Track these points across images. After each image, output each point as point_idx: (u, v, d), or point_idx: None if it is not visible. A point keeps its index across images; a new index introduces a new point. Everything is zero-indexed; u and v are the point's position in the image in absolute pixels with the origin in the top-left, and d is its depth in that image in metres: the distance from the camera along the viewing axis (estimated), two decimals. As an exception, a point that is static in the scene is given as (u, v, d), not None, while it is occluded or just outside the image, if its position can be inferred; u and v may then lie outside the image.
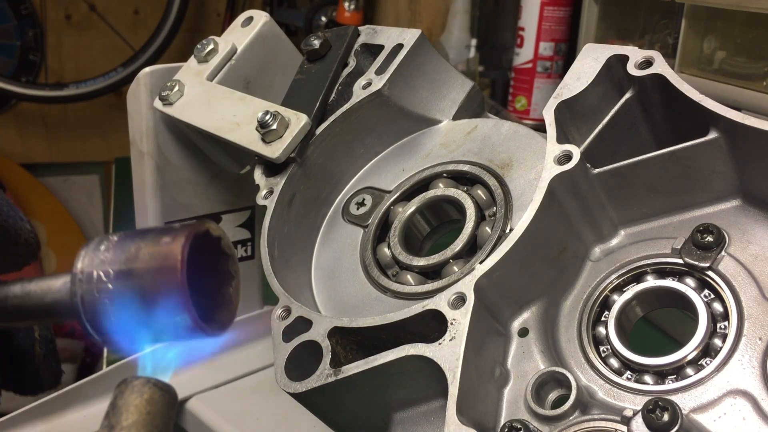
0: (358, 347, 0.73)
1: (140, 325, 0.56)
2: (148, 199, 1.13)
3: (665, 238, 0.72)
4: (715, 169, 0.69)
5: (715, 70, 1.31)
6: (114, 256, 0.57)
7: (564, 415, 0.64)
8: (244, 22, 1.08)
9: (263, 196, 0.89)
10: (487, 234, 0.79)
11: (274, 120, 0.88)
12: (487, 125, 0.90)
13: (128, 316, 0.56)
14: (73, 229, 3.24)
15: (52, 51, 3.18)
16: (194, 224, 0.58)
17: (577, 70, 0.76)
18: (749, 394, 0.61)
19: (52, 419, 1.14)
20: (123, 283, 0.56)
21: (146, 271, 0.56)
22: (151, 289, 0.55)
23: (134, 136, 1.11)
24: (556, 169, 0.70)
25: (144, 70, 1.08)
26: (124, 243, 0.58)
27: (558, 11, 1.91)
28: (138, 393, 0.50)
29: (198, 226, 0.58)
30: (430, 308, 0.68)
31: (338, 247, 0.90)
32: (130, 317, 0.56)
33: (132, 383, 0.51)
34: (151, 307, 0.55)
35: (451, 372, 0.63)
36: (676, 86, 0.69)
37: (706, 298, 0.67)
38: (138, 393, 0.50)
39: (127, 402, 0.50)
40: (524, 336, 0.72)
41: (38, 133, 3.24)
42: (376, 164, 0.96)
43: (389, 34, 0.96)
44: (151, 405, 0.50)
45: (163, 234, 0.57)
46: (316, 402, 0.74)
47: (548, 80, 1.96)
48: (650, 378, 0.66)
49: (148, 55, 2.93)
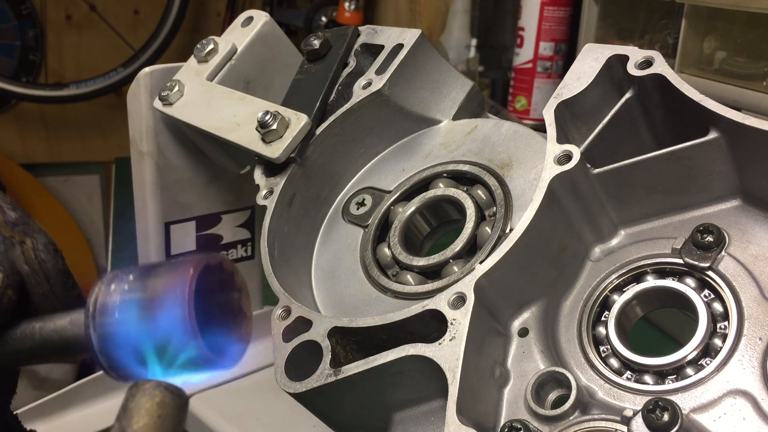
0: (358, 347, 0.73)
1: (150, 356, 0.57)
2: (148, 199, 1.13)
3: (665, 238, 0.72)
4: (715, 169, 0.69)
5: (715, 70, 1.31)
6: (126, 289, 0.58)
7: (564, 415, 0.64)
8: (244, 22, 1.08)
9: (263, 196, 0.89)
10: (487, 234, 0.79)
11: (274, 120, 0.88)
12: (487, 125, 0.90)
13: (138, 348, 0.57)
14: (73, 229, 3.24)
15: (52, 51, 3.17)
16: (207, 256, 0.60)
17: (577, 70, 0.75)
18: (749, 394, 0.61)
19: (52, 419, 1.15)
20: (133, 315, 0.57)
21: (155, 302, 0.57)
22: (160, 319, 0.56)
23: (134, 136, 1.11)
24: (556, 169, 0.70)
25: (144, 70, 1.08)
26: (137, 276, 0.59)
27: (558, 11, 1.91)
28: (149, 396, 0.50)
29: (210, 257, 0.60)
30: (430, 308, 0.68)
31: (338, 247, 0.90)
32: (140, 349, 0.57)
33: (143, 386, 0.50)
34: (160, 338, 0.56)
35: (451, 372, 0.63)
36: (676, 86, 0.69)
37: (706, 298, 0.67)
38: (149, 396, 0.50)
39: (138, 405, 0.50)
40: (524, 336, 0.72)
41: (38, 133, 3.23)
42: (376, 164, 0.96)
43: (389, 34, 0.96)
44: (162, 408, 0.50)
45: (174, 266, 0.58)
46: (316, 402, 0.74)
47: (548, 80, 1.96)
48: (650, 378, 0.66)
49: (148, 55, 2.93)
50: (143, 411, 0.49)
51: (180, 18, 2.94)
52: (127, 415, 0.50)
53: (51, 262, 0.65)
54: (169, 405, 0.50)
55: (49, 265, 0.64)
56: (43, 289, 0.64)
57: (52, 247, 0.66)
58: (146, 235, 1.16)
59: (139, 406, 0.50)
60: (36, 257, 0.64)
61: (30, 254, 0.64)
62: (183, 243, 1.18)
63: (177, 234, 1.18)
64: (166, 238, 1.17)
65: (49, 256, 0.65)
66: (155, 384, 0.50)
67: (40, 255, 0.64)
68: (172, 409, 0.50)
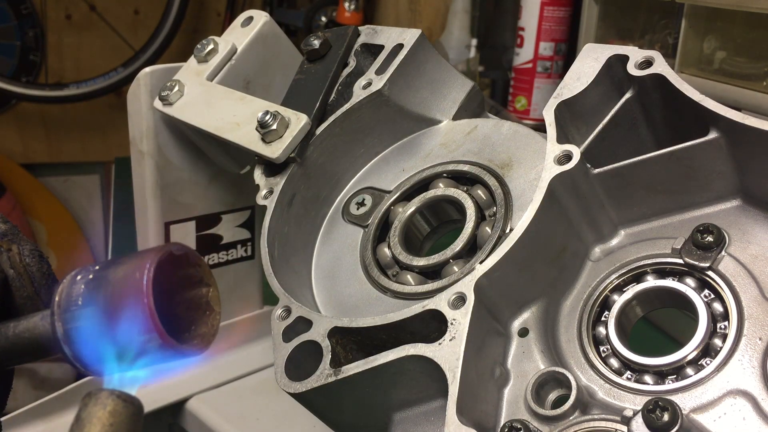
0: (358, 347, 0.73)
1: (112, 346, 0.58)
2: (148, 199, 1.13)
3: (665, 238, 0.72)
4: (715, 169, 0.69)
5: (715, 70, 1.31)
6: (89, 282, 0.59)
7: (564, 415, 0.64)
8: (244, 22, 1.08)
9: (263, 196, 0.89)
10: (487, 234, 0.79)
11: (274, 120, 0.88)
12: (487, 125, 0.90)
13: (100, 338, 0.58)
14: (73, 229, 3.24)
15: (52, 51, 3.17)
16: (171, 245, 0.61)
17: (577, 70, 0.75)
18: (749, 394, 0.61)
19: (52, 419, 1.15)
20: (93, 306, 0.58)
21: (114, 292, 0.58)
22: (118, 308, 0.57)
23: (134, 136, 1.11)
24: (556, 169, 0.70)
25: (144, 70, 1.08)
26: (100, 270, 0.60)
27: (558, 11, 1.91)
28: (101, 405, 0.51)
29: (175, 247, 0.61)
30: (430, 308, 0.68)
31: (338, 247, 0.90)
32: (102, 339, 0.58)
33: (96, 395, 0.51)
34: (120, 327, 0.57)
35: (451, 372, 0.63)
36: (676, 86, 0.69)
37: (706, 298, 0.67)
38: (101, 405, 0.51)
39: (90, 414, 0.50)
40: (524, 336, 0.72)
41: (38, 133, 3.23)
42: (376, 164, 0.96)
43: (389, 34, 0.96)
44: (114, 417, 0.50)
45: (137, 255, 0.59)
46: (316, 402, 0.74)
47: (548, 80, 1.96)
48: (650, 378, 0.66)
49: (148, 55, 2.93)
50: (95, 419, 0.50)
51: (180, 18, 2.95)
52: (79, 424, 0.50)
53: (36, 266, 0.66)
54: (121, 413, 0.51)
55: (33, 268, 0.66)
56: (28, 292, 0.65)
57: (37, 253, 0.67)
58: (146, 235, 1.16)
59: (91, 415, 0.50)
60: (21, 261, 0.65)
61: (15, 258, 0.65)
62: (183, 243, 1.18)
63: (177, 234, 1.18)
64: (166, 238, 1.17)
65: (34, 261, 0.66)
66: (108, 393, 0.51)
67: (25, 259, 0.65)
68: (125, 417, 0.51)
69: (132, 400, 0.52)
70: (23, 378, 2.27)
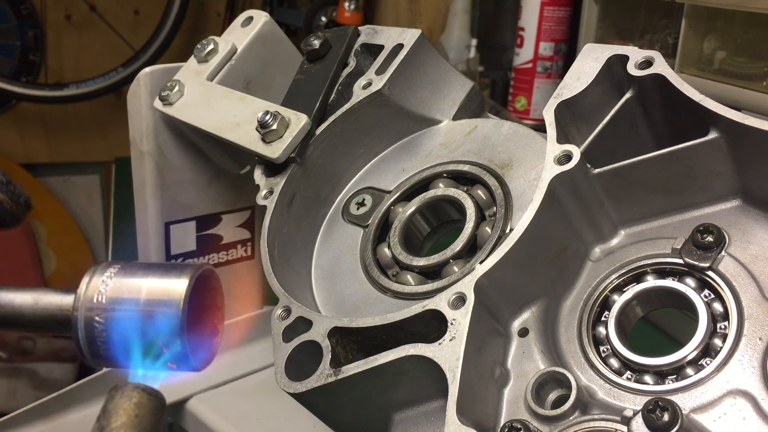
0: (358, 347, 0.73)
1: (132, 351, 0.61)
2: (148, 199, 1.13)
3: (665, 238, 0.72)
4: (715, 169, 0.69)
5: (715, 70, 1.31)
6: (118, 283, 0.63)
7: (564, 415, 0.64)
8: (244, 22, 1.08)
9: (263, 196, 0.89)
10: (487, 234, 0.79)
11: (274, 120, 0.88)
12: (487, 125, 0.90)
13: (122, 342, 0.62)
14: (73, 229, 3.24)
15: (52, 51, 3.18)
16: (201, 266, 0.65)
17: (577, 70, 0.75)
18: (749, 394, 0.61)
19: (52, 419, 1.15)
20: (123, 311, 0.62)
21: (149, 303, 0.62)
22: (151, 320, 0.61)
23: (134, 136, 1.11)
24: (556, 169, 0.70)
25: (144, 70, 1.08)
26: (129, 272, 0.64)
27: (558, 11, 1.91)
28: (127, 397, 0.53)
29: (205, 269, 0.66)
30: (430, 308, 0.68)
31: (338, 247, 0.90)
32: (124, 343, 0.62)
33: (122, 388, 0.54)
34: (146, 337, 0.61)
35: (451, 372, 0.63)
36: (676, 86, 0.69)
37: (706, 298, 0.67)
38: (127, 397, 0.53)
39: (116, 405, 0.53)
40: (524, 336, 0.72)
41: (38, 133, 3.23)
42: (376, 164, 0.96)
43: (389, 34, 0.96)
44: (140, 408, 0.53)
45: (169, 270, 0.64)
46: (316, 402, 0.74)
47: (548, 80, 1.96)
48: (650, 378, 0.66)
49: (148, 55, 2.93)
50: (121, 411, 0.53)
51: (180, 18, 2.95)
52: (106, 415, 0.53)
53: None
54: (146, 405, 0.54)
55: None
56: None
57: None
58: (146, 235, 1.16)
59: (117, 407, 0.53)
60: None
61: None
62: (183, 243, 1.19)
63: (177, 234, 1.18)
64: (166, 238, 1.17)
65: None
66: (133, 386, 0.54)
67: None
68: (149, 409, 0.54)
69: (156, 393, 0.55)
70: (23, 378, 2.27)
